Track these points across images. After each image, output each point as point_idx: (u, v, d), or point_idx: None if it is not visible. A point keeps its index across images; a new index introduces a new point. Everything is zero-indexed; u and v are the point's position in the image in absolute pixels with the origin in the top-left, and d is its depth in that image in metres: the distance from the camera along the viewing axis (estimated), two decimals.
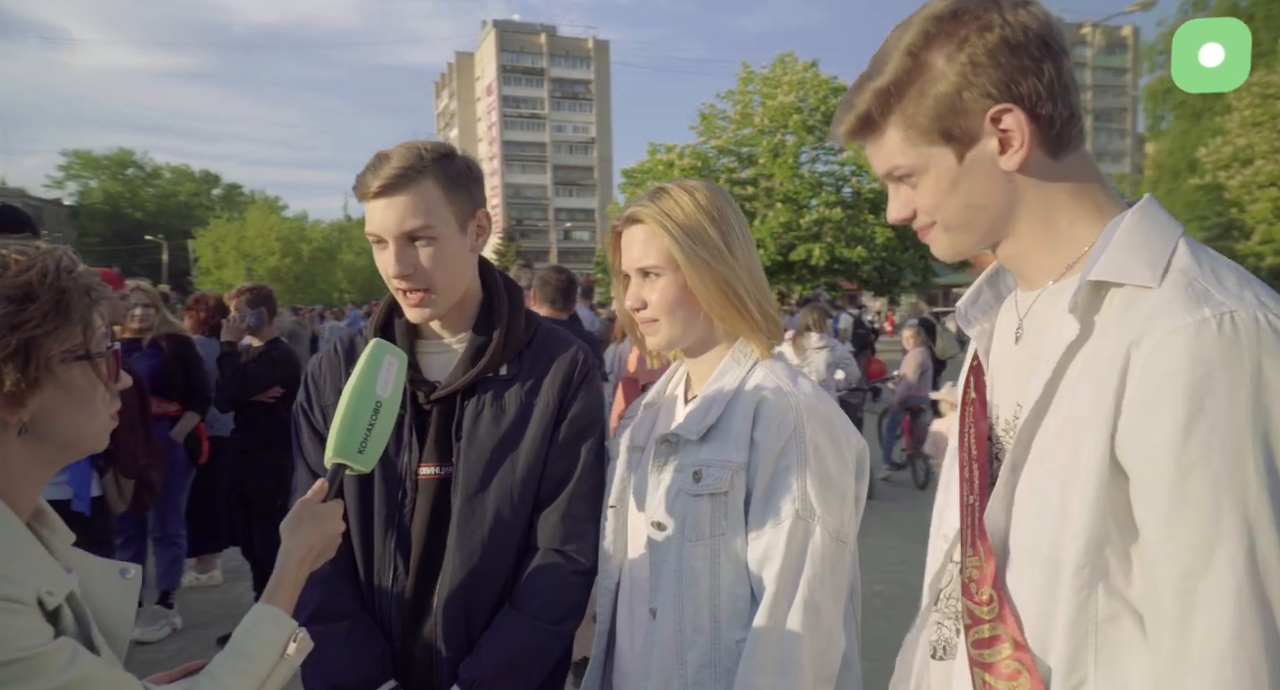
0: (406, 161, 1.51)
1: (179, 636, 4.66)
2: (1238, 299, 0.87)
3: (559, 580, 1.60)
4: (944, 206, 1.04)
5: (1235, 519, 0.84)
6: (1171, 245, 0.95)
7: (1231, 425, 0.83)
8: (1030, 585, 0.99)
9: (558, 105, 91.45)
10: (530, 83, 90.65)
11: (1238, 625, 0.83)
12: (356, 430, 1.38)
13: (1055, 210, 1.03)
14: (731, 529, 1.44)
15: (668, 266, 1.52)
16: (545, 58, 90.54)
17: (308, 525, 1.34)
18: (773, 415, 1.45)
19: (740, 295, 1.52)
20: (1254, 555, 0.83)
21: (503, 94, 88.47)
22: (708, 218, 1.53)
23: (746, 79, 28.62)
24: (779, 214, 26.17)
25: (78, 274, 1.11)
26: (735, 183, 27.36)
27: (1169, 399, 0.85)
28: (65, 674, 0.98)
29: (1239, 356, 0.84)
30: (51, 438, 1.09)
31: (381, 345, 1.45)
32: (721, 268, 1.51)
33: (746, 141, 28.35)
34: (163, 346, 4.74)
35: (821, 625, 1.40)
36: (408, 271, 1.54)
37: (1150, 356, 0.87)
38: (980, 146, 1.00)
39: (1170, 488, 0.86)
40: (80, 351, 1.09)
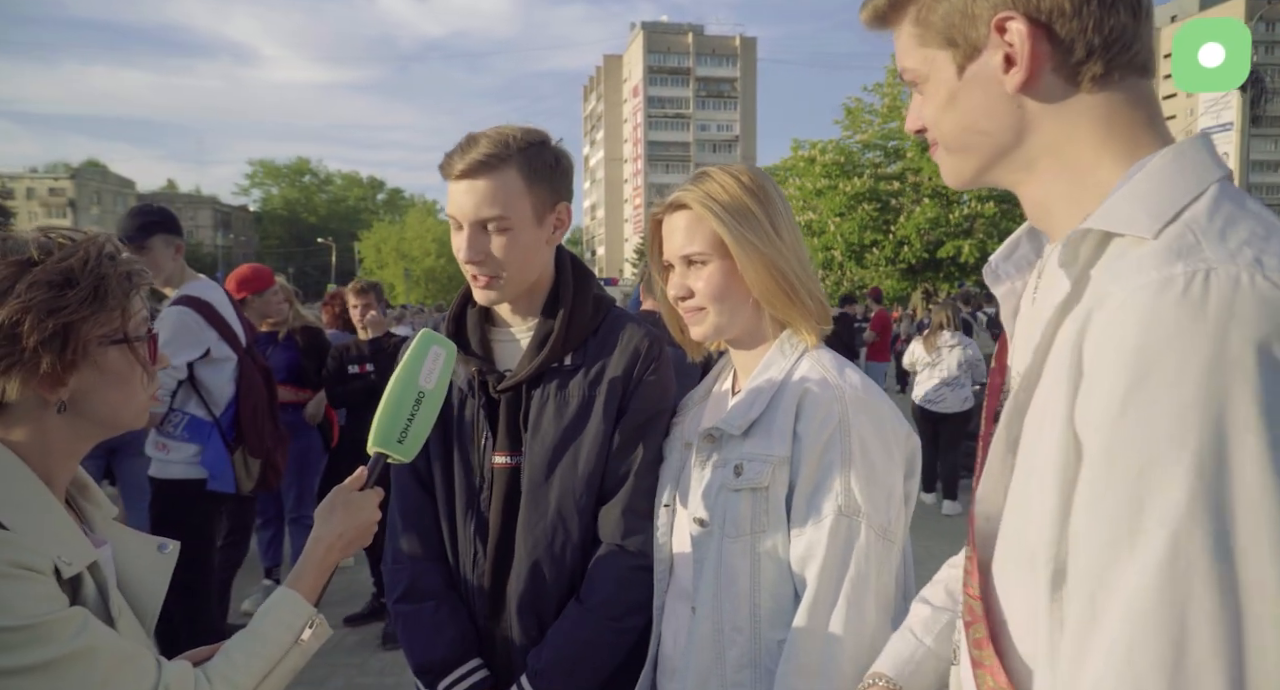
0: (493, 148, 1.51)
1: None
2: (1227, 255, 0.69)
3: (620, 576, 1.59)
4: (941, 123, 0.92)
5: (1157, 521, 0.66)
6: (1195, 192, 0.77)
7: (1175, 405, 0.66)
8: (1017, 582, 0.87)
9: (702, 104, 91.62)
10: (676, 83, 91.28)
11: (1129, 643, 0.67)
12: (397, 420, 1.39)
13: (1076, 148, 0.86)
14: (772, 526, 1.39)
15: (714, 252, 1.47)
16: (691, 57, 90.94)
17: (340, 512, 1.36)
18: (817, 408, 1.39)
19: (790, 279, 1.46)
20: (1173, 565, 0.65)
21: (648, 95, 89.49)
22: (754, 199, 1.46)
23: (895, 70, 27.61)
24: (926, 209, 25.08)
25: (120, 260, 1.16)
26: (880, 178, 26.45)
27: (1110, 368, 0.70)
28: (72, 643, 1.02)
29: (1200, 323, 0.66)
30: (90, 415, 1.15)
31: (429, 336, 1.46)
32: (769, 250, 1.44)
33: (893, 135, 27.35)
34: (297, 339, 5.07)
35: (865, 626, 1.33)
36: (477, 258, 1.54)
37: (1105, 318, 0.72)
38: (983, 60, 0.86)
39: (1096, 471, 0.71)
40: (118, 335, 1.13)
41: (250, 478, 3.67)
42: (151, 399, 1.22)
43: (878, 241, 25.91)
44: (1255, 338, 0.65)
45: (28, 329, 1.04)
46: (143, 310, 1.18)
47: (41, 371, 1.06)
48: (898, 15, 0.93)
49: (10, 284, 1.05)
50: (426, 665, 1.58)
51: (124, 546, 1.24)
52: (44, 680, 1.00)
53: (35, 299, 1.05)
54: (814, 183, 26.95)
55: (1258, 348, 0.65)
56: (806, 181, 27.25)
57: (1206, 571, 0.64)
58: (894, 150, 27.54)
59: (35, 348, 1.05)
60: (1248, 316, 0.66)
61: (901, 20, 0.93)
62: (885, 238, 25.77)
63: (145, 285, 1.20)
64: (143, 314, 1.18)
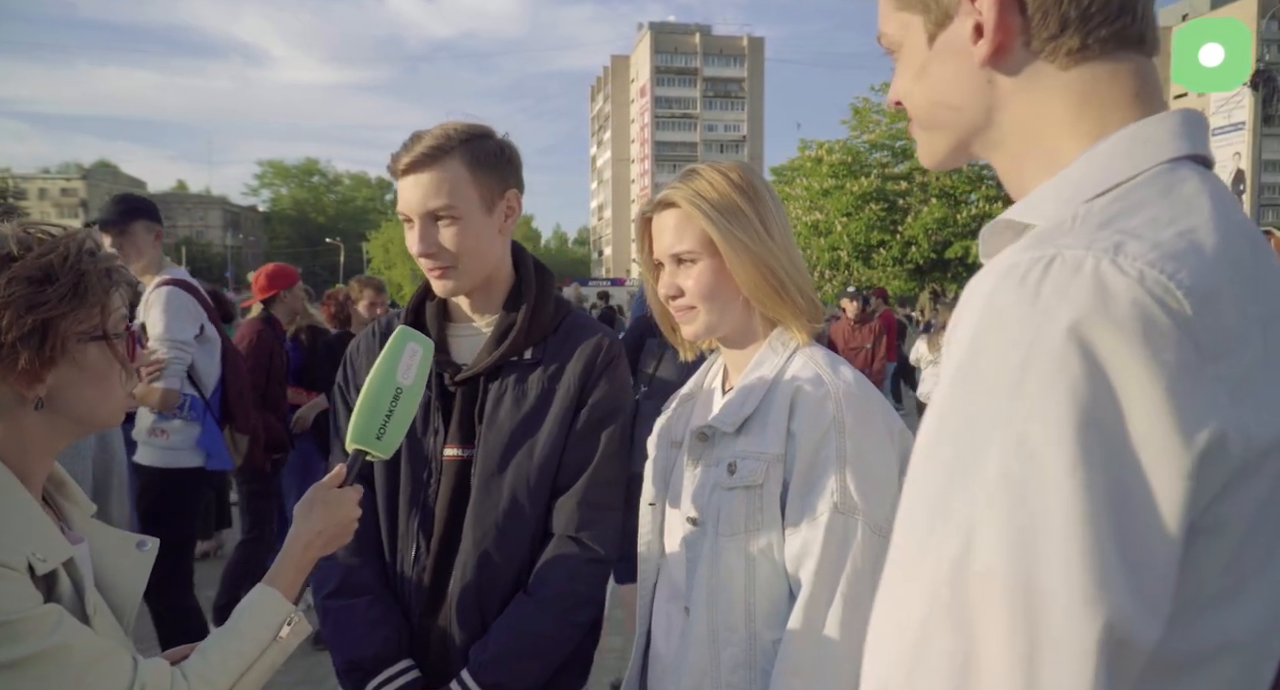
0: (435, 141, 1.53)
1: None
2: (1086, 242, 0.61)
3: (572, 568, 1.57)
4: (913, 95, 0.84)
5: (954, 523, 0.60)
6: (1127, 176, 0.69)
7: (991, 399, 0.60)
8: None
9: (709, 104, 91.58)
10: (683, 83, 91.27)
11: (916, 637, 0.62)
12: (375, 417, 1.38)
13: (1045, 129, 0.77)
14: (767, 524, 1.37)
15: (703, 250, 1.46)
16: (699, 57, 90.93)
17: (319, 510, 1.35)
18: (811, 405, 1.38)
19: (779, 277, 1.45)
20: (961, 570, 0.59)
21: (655, 95, 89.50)
22: (743, 196, 1.45)
23: None
24: (933, 209, 25.03)
25: (99, 257, 1.15)
26: (888, 178, 26.41)
27: (948, 357, 0.65)
28: (45, 641, 1.01)
29: (1026, 312, 0.60)
30: (67, 412, 1.14)
31: (406, 332, 1.45)
32: (758, 248, 1.43)
33: (901, 135, 27.28)
34: (302, 340, 5.06)
35: (862, 626, 1.29)
36: (430, 249, 1.55)
37: (961, 305, 0.67)
38: (953, 28, 0.78)
39: (915, 463, 0.66)
40: (97, 332, 1.12)
41: (239, 453, 3.79)
42: (129, 397, 1.22)
43: (885, 242, 25.85)
44: (1078, 328, 0.58)
45: (6, 325, 1.04)
46: (121, 307, 1.17)
47: (19, 367, 1.06)
48: None
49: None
50: (357, 662, 1.55)
51: (102, 544, 1.23)
52: (15, 677, 0.99)
53: (14, 295, 1.04)
54: (821, 183, 26.92)
55: (1077, 340, 0.57)
56: (813, 181, 27.21)
57: (999, 569, 0.57)
58: (901, 150, 27.45)
59: (13, 344, 1.04)
60: (1076, 305, 0.58)
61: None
62: (892, 238, 25.72)
63: (124, 282, 1.19)
64: (121, 311, 1.17)
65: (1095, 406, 0.57)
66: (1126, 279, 0.58)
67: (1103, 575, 0.55)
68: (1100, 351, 0.57)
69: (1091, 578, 0.55)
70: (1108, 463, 0.56)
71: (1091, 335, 0.57)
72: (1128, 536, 0.56)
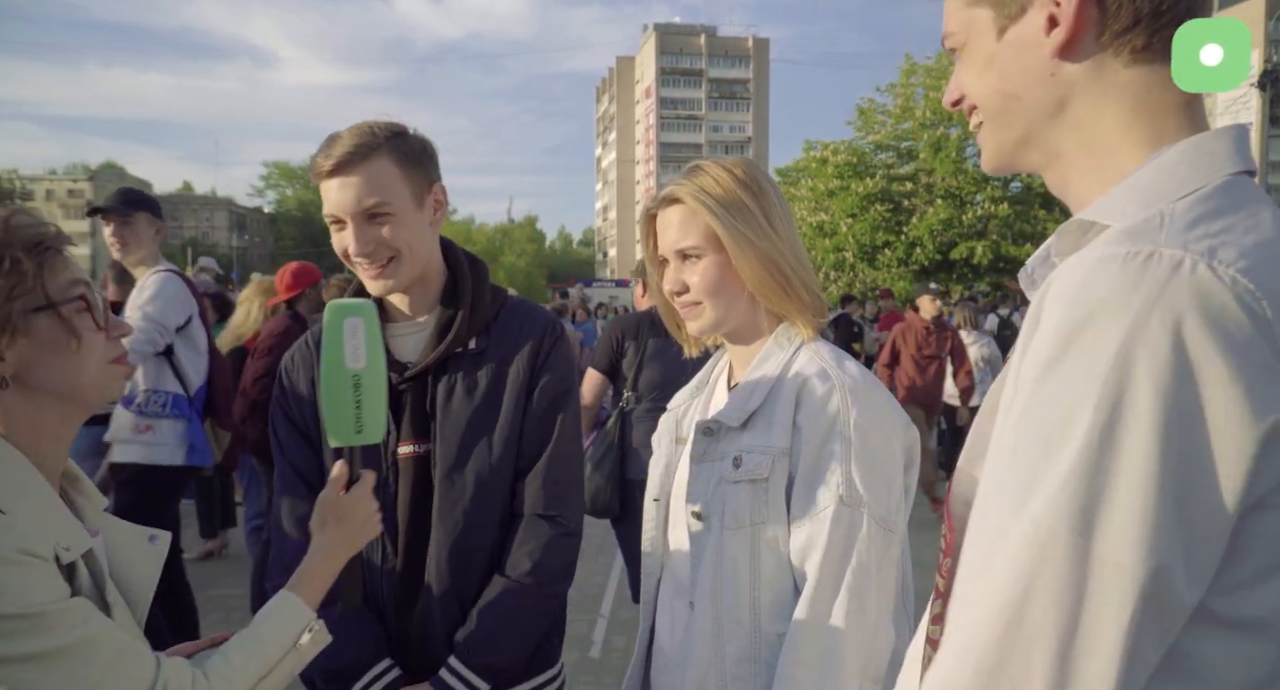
0: (360, 139, 1.52)
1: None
2: (1180, 242, 0.67)
3: (545, 544, 1.61)
4: (977, 86, 0.89)
5: (1042, 489, 0.67)
6: (1198, 185, 0.74)
7: (1084, 376, 0.65)
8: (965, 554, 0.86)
9: (715, 105, 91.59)
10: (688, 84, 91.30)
11: (990, 605, 0.69)
12: (344, 411, 1.36)
13: (1102, 129, 0.83)
14: (772, 517, 1.38)
15: (709, 246, 1.46)
16: (704, 58, 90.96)
17: (332, 524, 1.35)
18: (816, 399, 1.39)
19: (784, 272, 1.45)
20: (1037, 533, 0.66)
21: (661, 96, 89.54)
22: (747, 192, 1.46)
23: (909, 71, 27.43)
24: (939, 210, 24.93)
25: (26, 226, 1.14)
26: (893, 179, 26.33)
27: (1042, 339, 0.70)
28: (72, 633, 1.02)
29: (1126, 298, 0.65)
30: (43, 388, 1.14)
31: (338, 308, 1.38)
32: (764, 244, 1.44)
33: (906, 135, 27.23)
34: None
35: (867, 617, 1.32)
36: (369, 249, 1.54)
37: (1052, 289, 0.71)
38: (1025, 21, 0.83)
39: (1005, 438, 0.72)
40: (39, 302, 1.11)
41: (220, 447, 3.86)
42: (118, 364, 1.20)
43: (890, 242, 25.79)
44: (1174, 322, 0.63)
45: None
46: (68, 273, 1.16)
47: None
48: None
49: None
50: (335, 671, 1.55)
51: (115, 537, 1.23)
52: (41, 670, 1.00)
53: None
54: (826, 183, 26.86)
55: (1173, 332, 0.63)
56: (819, 182, 27.16)
57: (1064, 542, 0.65)
58: (907, 151, 27.41)
59: None
60: (1175, 300, 0.64)
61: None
62: (898, 239, 25.65)
63: (62, 248, 1.17)
64: (69, 277, 1.15)
65: (1180, 393, 0.63)
66: (1220, 283, 0.65)
67: (1157, 532, 0.63)
68: (1191, 344, 0.63)
69: (1147, 532, 0.63)
70: (1183, 443, 0.63)
71: (1185, 329, 0.63)
72: (1188, 507, 0.64)
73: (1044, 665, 0.66)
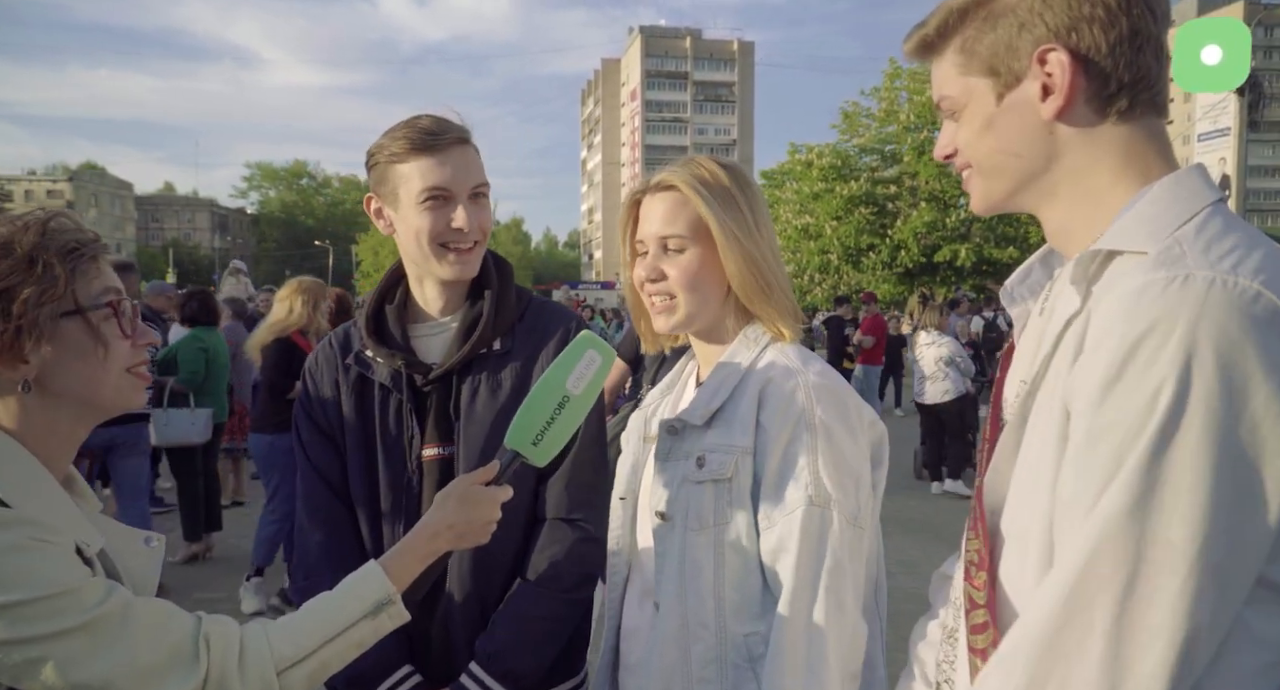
0: (461, 124, 1.57)
1: None
2: (1207, 263, 0.79)
3: (568, 549, 1.57)
4: (976, 147, 1.01)
5: (1113, 488, 0.77)
6: (1189, 214, 0.87)
7: (1145, 390, 0.76)
8: (1013, 566, 0.94)
9: (700, 108, 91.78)
10: (674, 87, 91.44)
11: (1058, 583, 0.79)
12: (536, 420, 1.34)
13: (1096, 176, 0.96)
14: (736, 517, 1.36)
15: (693, 238, 1.43)
16: (689, 61, 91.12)
17: (454, 503, 1.32)
18: (780, 397, 1.36)
19: (766, 276, 1.44)
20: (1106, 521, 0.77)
21: (646, 98, 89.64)
22: (739, 190, 1.44)
23: (893, 75, 27.58)
24: (923, 213, 25.09)
25: (65, 231, 1.14)
26: (877, 182, 26.48)
27: (1098, 358, 0.80)
28: (108, 602, 1.04)
29: (1175, 318, 0.76)
30: (62, 393, 1.13)
31: (588, 339, 1.40)
32: (750, 244, 1.43)
33: (890, 139, 27.39)
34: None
35: (846, 617, 1.31)
36: (472, 225, 1.54)
37: (1096, 316, 0.83)
38: (1022, 88, 0.95)
39: (1078, 453, 0.81)
40: (68, 307, 1.11)
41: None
42: (137, 374, 1.20)
43: (874, 245, 25.92)
44: (1218, 330, 0.75)
45: None
46: (101, 281, 1.15)
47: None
48: (943, 44, 1.01)
49: None
50: (355, 678, 1.51)
51: (114, 540, 1.22)
52: (86, 640, 1.01)
53: None
54: (811, 186, 26.97)
55: (1216, 343, 0.74)
56: (804, 185, 27.26)
57: (1122, 525, 0.75)
58: (891, 154, 27.55)
59: None
60: (1216, 312, 0.75)
61: (945, 50, 1.01)
62: (882, 241, 25.78)
63: (99, 255, 1.17)
64: (102, 284, 1.15)
65: (1229, 383, 0.74)
66: (1248, 293, 0.77)
67: (1207, 513, 0.73)
68: (1234, 347, 0.74)
69: (1198, 513, 0.73)
70: (1233, 433, 0.74)
71: (1228, 334, 0.75)
72: (1239, 491, 0.74)
73: (1102, 628, 0.75)
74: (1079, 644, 0.76)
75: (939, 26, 1.00)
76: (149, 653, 1.05)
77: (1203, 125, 47.64)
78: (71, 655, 1.00)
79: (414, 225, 1.54)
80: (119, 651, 1.03)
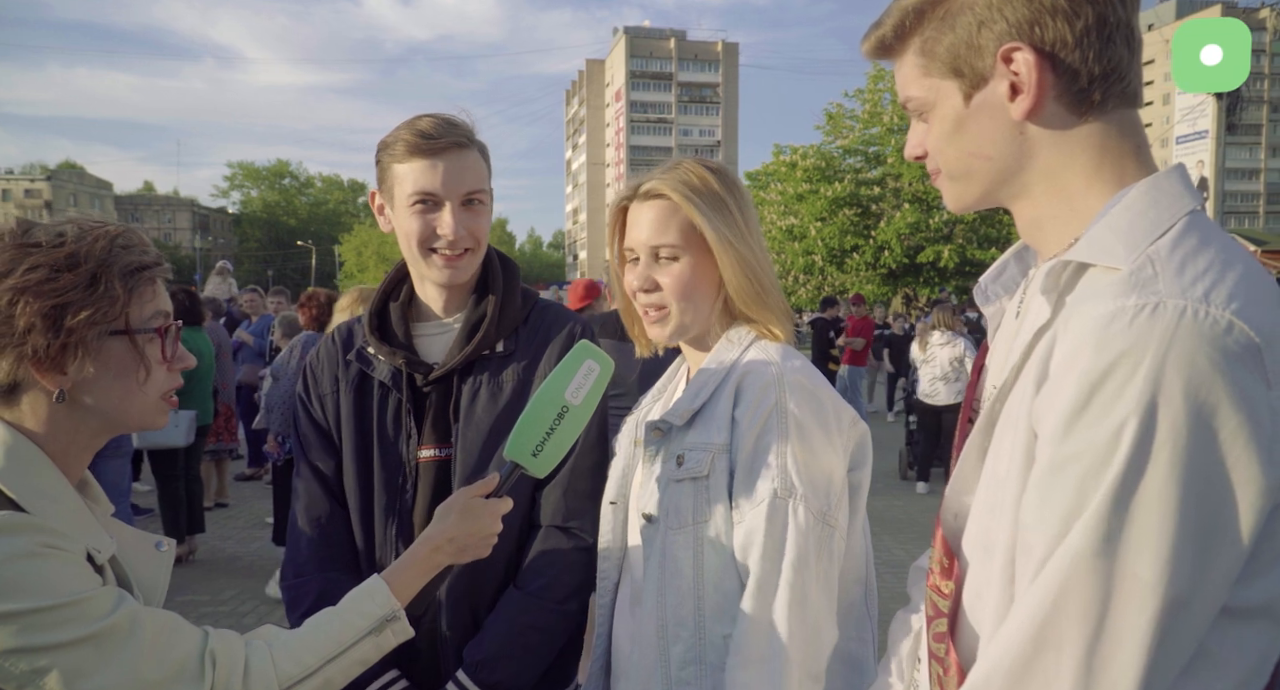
0: (460, 127, 1.54)
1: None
2: (1179, 290, 0.76)
3: (562, 558, 1.55)
4: (946, 151, 0.96)
5: (1079, 521, 0.75)
6: (1166, 225, 0.83)
7: (1110, 423, 0.73)
8: (977, 575, 0.92)
9: (685, 109, 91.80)
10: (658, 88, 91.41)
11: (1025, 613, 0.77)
12: (535, 431, 1.33)
13: (1070, 176, 0.91)
14: (715, 515, 1.34)
15: (685, 246, 1.41)
16: (674, 62, 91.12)
17: (455, 516, 1.32)
18: (753, 392, 1.35)
19: (761, 280, 1.43)
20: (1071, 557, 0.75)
21: (631, 99, 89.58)
22: (730, 195, 1.42)
23: (876, 76, 27.72)
24: (906, 215, 25.20)
25: (132, 250, 1.13)
26: (861, 183, 26.58)
27: (1064, 385, 0.77)
28: (115, 614, 1.03)
29: (1142, 350, 0.73)
30: (91, 408, 1.13)
31: (585, 349, 1.38)
32: (744, 249, 1.41)
33: (874, 140, 27.50)
34: None
35: (808, 613, 1.28)
36: (460, 234, 1.52)
37: (1064, 339, 0.80)
38: (989, 89, 0.90)
39: (1041, 481, 0.79)
40: (118, 326, 1.11)
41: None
42: (165, 399, 1.19)
43: (858, 246, 26.01)
44: (1185, 364, 0.72)
45: (20, 310, 1.04)
46: (155, 304, 1.15)
47: (34, 354, 1.05)
48: (902, 46, 0.97)
49: (14, 266, 1.05)
50: None
51: (125, 544, 1.22)
52: (92, 652, 1.01)
53: (31, 281, 1.05)
54: (795, 187, 27.03)
55: (1186, 373, 0.72)
56: (788, 186, 27.32)
57: (1092, 562, 0.74)
58: (875, 156, 27.66)
59: (26, 330, 1.04)
60: (1185, 346, 0.73)
61: (905, 51, 0.97)
62: (866, 242, 25.88)
63: (161, 278, 1.17)
64: (155, 307, 1.15)
65: (1196, 419, 0.72)
66: (1218, 325, 0.73)
67: (1176, 547, 0.72)
68: (1201, 381, 0.72)
69: (1167, 548, 0.72)
70: (1200, 469, 0.72)
71: (1195, 368, 0.72)
72: (1206, 524, 0.72)
73: (1072, 665, 0.74)
74: (1048, 680, 0.75)
75: (896, 27, 0.96)
76: (154, 668, 1.04)
77: (1181, 128, 48.16)
78: (77, 666, 1.00)
79: (404, 227, 1.54)
80: (124, 665, 1.02)
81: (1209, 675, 0.76)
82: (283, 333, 6.25)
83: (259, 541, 6.49)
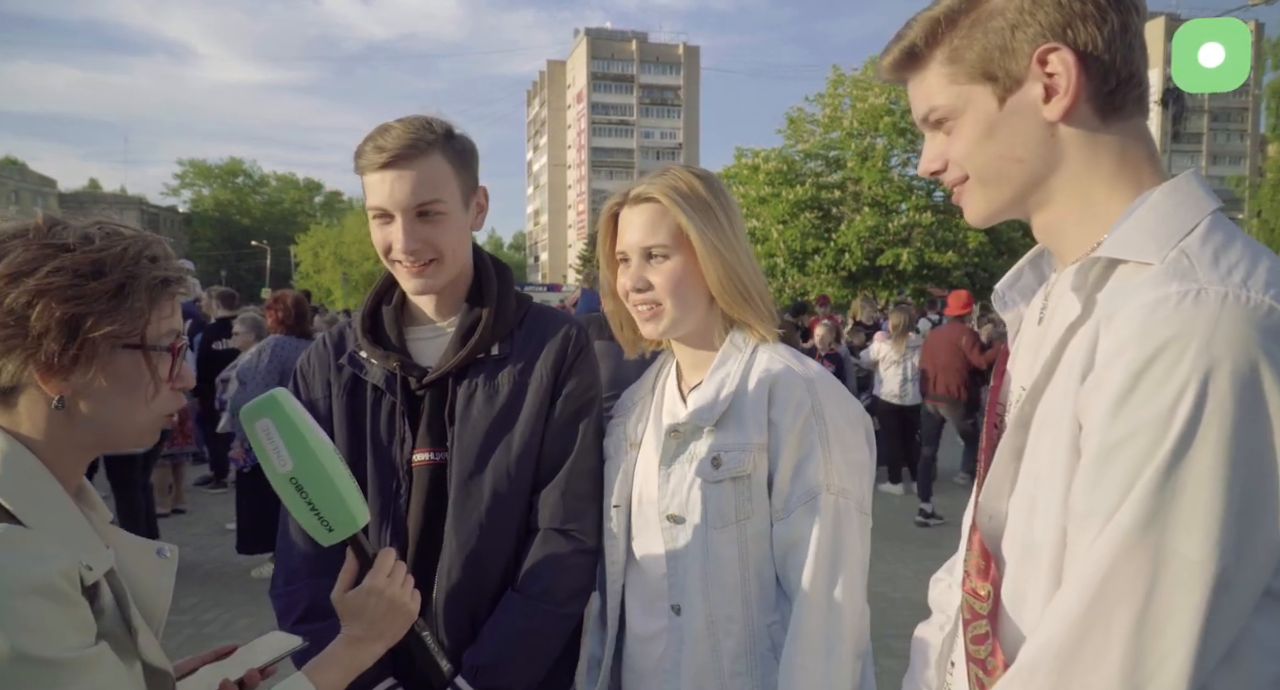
0: (417, 134, 1.49)
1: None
2: (1218, 277, 0.79)
3: (561, 561, 1.56)
4: (977, 156, 0.97)
5: (1128, 501, 0.78)
6: (1192, 223, 0.86)
7: (1159, 406, 0.76)
8: (1020, 575, 0.94)
9: (646, 112, 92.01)
10: (620, 90, 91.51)
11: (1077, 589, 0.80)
12: (307, 517, 1.24)
13: (1094, 180, 0.94)
14: (756, 512, 1.44)
15: (676, 246, 1.49)
16: (635, 64, 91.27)
17: (349, 616, 1.28)
18: (789, 395, 1.44)
19: (745, 283, 1.50)
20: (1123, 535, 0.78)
21: (592, 101, 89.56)
22: (716, 201, 1.50)
23: (837, 81, 28.07)
24: (866, 218, 25.56)
25: (160, 264, 1.09)
26: (822, 187, 26.87)
27: (1112, 373, 0.80)
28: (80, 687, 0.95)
29: (1189, 334, 0.76)
30: (87, 420, 1.08)
31: (246, 415, 1.24)
32: (728, 253, 1.49)
33: (835, 145, 27.83)
34: None
35: (856, 600, 1.40)
36: (414, 246, 1.50)
37: (1109, 332, 0.82)
38: (1024, 91, 0.93)
39: (1091, 467, 0.81)
40: (134, 340, 1.07)
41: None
42: (165, 419, 1.14)
43: (819, 249, 26.30)
44: (1233, 344, 0.75)
45: (38, 313, 1.00)
46: (172, 321, 1.12)
47: (43, 358, 1.01)
48: (929, 55, 0.98)
49: (36, 266, 1.01)
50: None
51: (126, 552, 1.17)
52: None
53: (54, 284, 1.00)
54: (757, 191, 27.24)
55: (1232, 358, 0.75)
56: (750, 189, 27.52)
57: (1139, 540, 0.76)
58: (835, 160, 27.99)
59: (41, 333, 1.00)
60: (1231, 326, 0.75)
61: (929, 62, 0.98)
62: (827, 245, 26.17)
63: (181, 295, 1.14)
64: (171, 325, 1.11)
65: (1247, 395, 0.74)
66: (1260, 307, 0.77)
67: (1223, 527, 0.74)
68: (1250, 360, 0.74)
69: (1214, 528, 0.74)
70: (1250, 446, 0.74)
71: (1244, 347, 0.75)
72: (1254, 503, 0.74)
73: (1120, 641, 0.76)
74: (1098, 655, 0.77)
75: (927, 35, 0.96)
76: None
77: None
78: None
79: (373, 237, 1.55)
80: None
81: (1259, 660, 0.78)
82: (247, 334, 6.09)
83: (218, 548, 6.35)
